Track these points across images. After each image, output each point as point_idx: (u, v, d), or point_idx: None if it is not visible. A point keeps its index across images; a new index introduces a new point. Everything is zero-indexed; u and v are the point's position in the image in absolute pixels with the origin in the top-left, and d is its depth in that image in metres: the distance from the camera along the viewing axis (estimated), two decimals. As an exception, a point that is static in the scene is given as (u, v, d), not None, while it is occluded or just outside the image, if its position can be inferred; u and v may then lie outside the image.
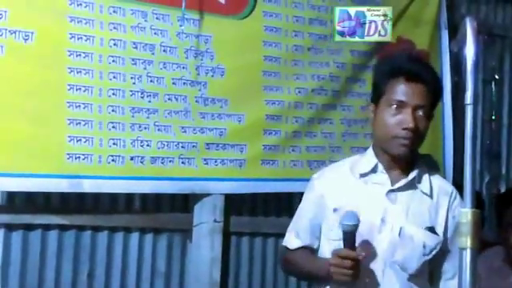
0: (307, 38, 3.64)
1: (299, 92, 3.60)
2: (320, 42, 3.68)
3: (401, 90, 2.23)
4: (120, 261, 3.28)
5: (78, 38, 2.99)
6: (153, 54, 3.17)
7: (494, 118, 4.52)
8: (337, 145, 3.73)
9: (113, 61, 3.07)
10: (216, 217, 3.41)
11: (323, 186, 2.37)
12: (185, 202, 3.42)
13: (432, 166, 4.01)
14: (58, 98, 2.95)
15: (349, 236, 2.14)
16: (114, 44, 3.08)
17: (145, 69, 3.15)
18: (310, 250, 2.39)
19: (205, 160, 3.30)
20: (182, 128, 3.24)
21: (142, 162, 3.13)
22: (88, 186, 3.02)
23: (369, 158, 2.33)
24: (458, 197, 2.32)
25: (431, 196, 2.31)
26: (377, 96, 2.29)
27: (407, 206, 2.27)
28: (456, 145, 4.14)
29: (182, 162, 3.23)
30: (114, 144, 3.06)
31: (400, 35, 3.82)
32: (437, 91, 2.30)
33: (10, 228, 3.01)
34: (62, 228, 3.13)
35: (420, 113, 2.22)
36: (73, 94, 2.97)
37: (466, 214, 1.46)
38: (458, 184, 3.69)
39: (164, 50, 3.21)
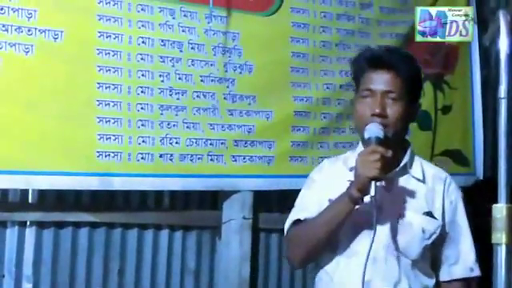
0: (335, 34, 3.63)
1: (327, 88, 3.59)
2: (348, 37, 3.67)
3: (368, 79, 2.25)
4: (150, 258, 3.30)
5: (107, 37, 3.01)
6: (181, 51, 3.18)
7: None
8: (365, 141, 3.70)
9: (141, 59, 3.08)
10: (245, 214, 3.41)
11: (323, 178, 2.37)
12: (214, 199, 3.43)
13: (461, 161, 4.05)
14: (88, 97, 2.97)
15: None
16: (143, 42, 3.09)
17: (173, 66, 3.16)
18: None
19: (233, 157, 3.30)
20: (211, 125, 3.25)
21: (170, 160, 3.14)
22: (118, 184, 3.04)
23: (358, 152, 2.30)
24: (453, 183, 2.35)
25: (424, 181, 2.31)
26: (356, 89, 2.32)
27: (403, 193, 2.27)
28: (486, 139, 4.11)
29: (211, 159, 3.24)
30: (143, 142, 3.07)
31: (429, 29, 3.80)
32: (409, 75, 2.27)
33: (41, 226, 3.03)
34: (93, 225, 3.15)
35: (390, 98, 2.22)
36: (102, 92, 2.99)
37: (500, 209, 1.44)
38: (489, 179, 3.69)
39: (192, 48, 3.21)
